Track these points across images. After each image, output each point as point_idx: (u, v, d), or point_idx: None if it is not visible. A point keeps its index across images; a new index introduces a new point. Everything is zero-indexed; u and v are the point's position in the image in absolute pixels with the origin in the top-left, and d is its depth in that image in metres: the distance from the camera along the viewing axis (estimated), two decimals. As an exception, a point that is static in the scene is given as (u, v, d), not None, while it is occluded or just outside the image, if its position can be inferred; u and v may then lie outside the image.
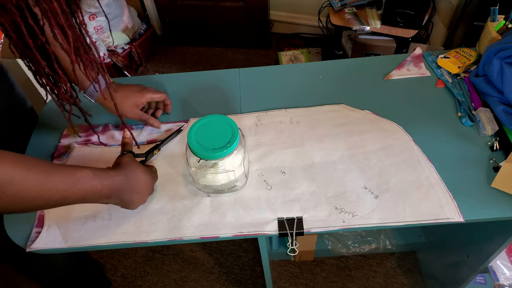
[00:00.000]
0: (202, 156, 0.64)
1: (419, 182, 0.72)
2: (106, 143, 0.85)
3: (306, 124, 0.84)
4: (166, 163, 0.79)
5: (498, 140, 0.76)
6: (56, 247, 0.68)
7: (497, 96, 0.79)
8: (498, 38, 0.84)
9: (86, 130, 0.87)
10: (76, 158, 0.82)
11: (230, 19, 2.12)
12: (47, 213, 0.73)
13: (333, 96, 0.90)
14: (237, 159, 0.67)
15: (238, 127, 0.66)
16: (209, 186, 0.71)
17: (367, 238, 1.33)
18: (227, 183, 0.70)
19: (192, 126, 0.67)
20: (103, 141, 0.85)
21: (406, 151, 0.77)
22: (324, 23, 2.06)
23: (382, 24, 1.58)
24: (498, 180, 0.70)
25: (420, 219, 0.67)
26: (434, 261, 1.25)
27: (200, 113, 0.89)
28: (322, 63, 0.99)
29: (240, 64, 2.18)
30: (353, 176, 0.74)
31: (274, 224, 0.69)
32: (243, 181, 0.73)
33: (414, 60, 0.96)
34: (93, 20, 1.84)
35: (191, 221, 0.70)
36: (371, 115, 0.85)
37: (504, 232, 0.82)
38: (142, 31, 2.12)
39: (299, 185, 0.74)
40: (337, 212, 0.70)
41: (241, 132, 0.67)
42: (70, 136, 0.86)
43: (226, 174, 0.67)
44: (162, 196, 0.74)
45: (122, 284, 1.39)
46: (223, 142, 0.64)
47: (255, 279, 1.38)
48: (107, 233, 0.70)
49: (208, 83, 0.96)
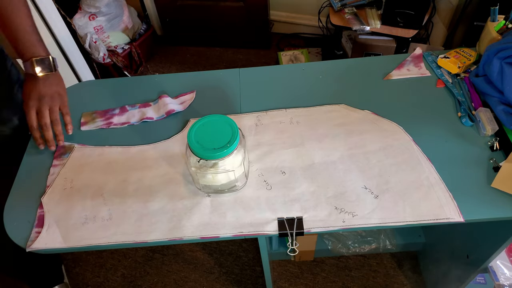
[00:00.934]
0: (202, 156, 0.64)
1: (419, 182, 0.72)
2: (128, 121, 0.88)
3: (306, 124, 0.84)
4: (166, 163, 0.79)
5: (498, 140, 0.76)
6: (56, 247, 0.68)
7: (497, 96, 0.79)
8: (498, 38, 0.84)
9: (104, 114, 0.90)
10: (77, 158, 0.82)
11: (230, 19, 2.12)
12: (47, 213, 0.73)
13: (333, 96, 0.90)
14: (237, 159, 0.67)
15: (238, 127, 0.67)
16: (209, 186, 0.71)
17: (367, 238, 1.33)
18: (227, 183, 0.70)
19: (192, 126, 0.67)
20: (124, 121, 0.88)
21: (406, 151, 0.77)
22: (324, 23, 2.06)
23: (382, 24, 1.58)
24: (498, 180, 0.70)
25: (420, 219, 0.67)
26: (434, 261, 1.25)
27: (200, 113, 0.89)
28: (322, 63, 0.99)
29: (240, 64, 2.18)
30: (353, 176, 0.74)
31: (274, 224, 0.69)
32: (243, 181, 0.73)
33: (414, 60, 0.96)
34: (93, 20, 1.84)
35: (191, 221, 0.70)
36: (371, 115, 0.85)
37: (504, 232, 0.82)
38: (142, 31, 2.12)
39: (299, 185, 0.74)
40: (337, 212, 0.70)
41: (241, 132, 0.67)
42: (90, 123, 0.88)
43: (226, 174, 0.67)
44: (162, 196, 0.74)
45: (122, 284, 1.39)
46: (223, 142, 0.64)
47: (255, 279, 1.38)
48: (107, 233, 0.70)
49: (208, 83, 0.96)
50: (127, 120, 0.88)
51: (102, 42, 1.90)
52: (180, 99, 0.92)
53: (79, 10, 1.82)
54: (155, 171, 0.78)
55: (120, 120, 0.89)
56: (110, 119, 0.89)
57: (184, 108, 0.90)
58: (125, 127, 0.88)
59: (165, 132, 0.86)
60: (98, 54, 1.83)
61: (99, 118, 0.89)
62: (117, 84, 0.99)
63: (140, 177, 0.77)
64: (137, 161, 0.80)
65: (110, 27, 1.92)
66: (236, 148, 0.65)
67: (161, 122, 0.88)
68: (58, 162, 0.81)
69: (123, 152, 0.82)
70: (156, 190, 0.75)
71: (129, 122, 0.88)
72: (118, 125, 0.88)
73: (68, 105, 0.84)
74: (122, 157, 0.81)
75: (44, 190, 0.76)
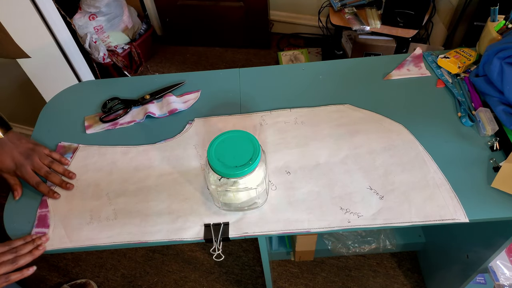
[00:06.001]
0: (224, 174, 0.61)
1: (424, 183, 0.72)
2: (135, 119, 0.88)
3: (311, 124, 0.84)
4: (170, 165, 0.79)
5: (498, 140, 0.76)
6: (61, 247, 0.69)
7: (497, 96, 0.79)
8: (498, 38, 0.84)
9: (108, 116, 0.90)
10: (81, 157, 0.82)
11: (230, 19, 2.12)
12: (52, 213, 0.73)
13: (333, 96, 0.90)
14: (259, 176, 0.64)
15: (259, 143, 0.64)
16: (229, 204, 0.69)
17: (367, 238, 1.33)
18: (248, 200, 0.67)
19: (211, 142, 0.64)
20: (130, 119, 0.88)
21: (411, 151, 0.77)
22: (324, 23, 2.06)
23: (382, 24, 1.58)
24: (498, 180, 0.70)
25: (425, 220, 0.67)
26: (434, 261, 1.25)
27: (201, 112, 0.89)
28: (322, 63, 0.99)
29: (240, 64, 2.18)
30: (358, 176, 0.74)
31: (277, 225, 0.69)
32: (264, 198, 0.71)
33: (414, 60, 0.96)
34: (93, 20, 1.84)
35: (195, 222, 0.70)
36: (376, 115, 0.85)
37: (504, 232, 0.82)
38: (142, 31, 2.12)
39: (304, 185, 0.74)
40: (343, 212, 0.70)
41: (261, 147, 0.64)
42: (95, 126, 0.88)
43: (247, 191, 0.65)
44: (166, 197, 0.74)
45: (122, 284, 1.39)
46: (245, 159, 0.61)
47: (255, 279, 1.38)
48: (112, 232, 0.70)
49: (208, 83, 0.96)
50: (132, 119, 0.88)
51: (102, 42, 1.90)
52: (184, 97, 0.92)
53: (79, 10, 1.82)
54: (159, 171, 0.78)
55: (126, 119, 0.89)
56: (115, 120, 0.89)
57: (187, 107, 0.90)
58: (131, 126, 0.88)
59: (169, 131, 0.86)
60: (98, 54, 1.83)
61: (105, 119, 0.89)
62: (117, 84, 0.99)
63: (144, 177, 0.78)
64: (141, 161, 0.80)
65: (110, 27, 1.92)
66: (258, 164, 0.63)
67: (164, 121, 0.88)
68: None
69: (127, 152, 0.82)
70: (160, 190, 0.75)
71: (135, 120, 0.88)
72: (124, 124, 0.88)
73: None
74: (125, 157, 0.81)
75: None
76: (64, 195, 0.76)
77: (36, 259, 0.67)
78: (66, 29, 1.38)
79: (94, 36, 1.84)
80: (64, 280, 1.41)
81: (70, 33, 1.40)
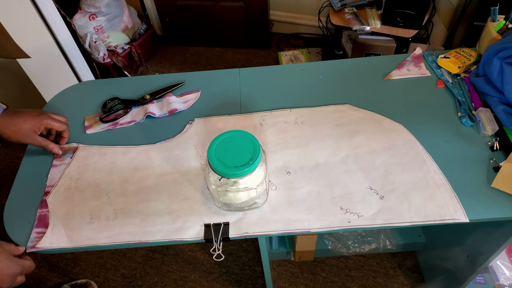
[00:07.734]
0: (224, 174, 0.61)
1: (424, 183, 0.72)
2: (135, 119, 0.88)
3: (311, 124, 0.84)
4: (170, 165, 0.79)
5: (498, 140, 0.76)
6: (61, 246, 0.69)
7: (497, 96, 0.79)
8: (498, 38, 0.85)
9: (109, 116, 0.90)
10: (81, 157, 0.82)
11: (230, 19, 2.12)
12: (52, 213, 0.73)
13: (333, 96, 0.90)
14: (259, 176, 0.64)
15: (259, 143, 0.64)
16: (230, 204, 0.69)
17: (367, 238, 1.33)
18: (248, 200, 0.67)
19: (211, 142, 0.64)
20: (130, 119, 0.88)
21: (411, 151, 0.77)
22: (324, 23, 2.06)
23: (382, 24, 1.58)
24: (498, 180, 0.70)
25: (425, 220, 0.67)
26: (434, 261, 1.25)
27: (201, 112, 0.89)
28: (322, 63, 0.99)
29: (240, 64, 2.18)
30: (358, 176, 0.74)
31: (277, 225, 0.69)
32: (264, 198, 0.71)
33: (414, 60, 0.96)
34: (93, 20, 1.84)
35: (195, 222, 0.70)
36: (376, 115, 0.85)
37: (504, 232, 0.82)
38: (142, 31, 2.12)
39: (304, 185, 0.74)
40: (343, 212, 0.70)
41: (261, 147, 0.64)
42: (95, 126, 0.88)
43: (248, 191, 0.65)
44: (166, 197, 0.74)
45: (122, 284, 1.39)
46: (245, 159, 0.61)
47: (255, 279, 1.38)
48: (112, 232, 0.70)
49: (208, 83, 0.96)
50: (132, 119, 0.89)
51: (102, 42, 1.90)
52: (184, 97, 0.92)
53: (79, 10, 1.82)
54: (159, 171, 0.78)
55: (126, 119, 0.89)
56: (116, 120, 0.89)
57: (187, 107, 0.90)
58: (131, 126, 0.88)
59: (169, 131, 0.86)
60: (98, 54, 1.83)
61: (106, 119, 0.89)
62: (117, 84, 0.99)
63: (144, 177, 0.78)
64: (141, 161, 0.80)
65: (110, 27, 1.92)
66: (258, 164, 0.63)
67: (164, 121, 0.88)
68: (58, 162, 0.81)
69: (127, 152, 0.82)
70: (160, 190, 0.75)
71: (135, 120, 0.88)
72: (124, 124, 0.88)
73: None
74: (126, 157, 0.81)
75: (45, 190, 0.76)
76: (64, 194, 0.76)
77: (36, 259, 0.66)
78: (66, 29, 1.39)
79: (94, 36, 1.84)
80: (64, 280, 1.41)
81: (70, 33, 1.40)
